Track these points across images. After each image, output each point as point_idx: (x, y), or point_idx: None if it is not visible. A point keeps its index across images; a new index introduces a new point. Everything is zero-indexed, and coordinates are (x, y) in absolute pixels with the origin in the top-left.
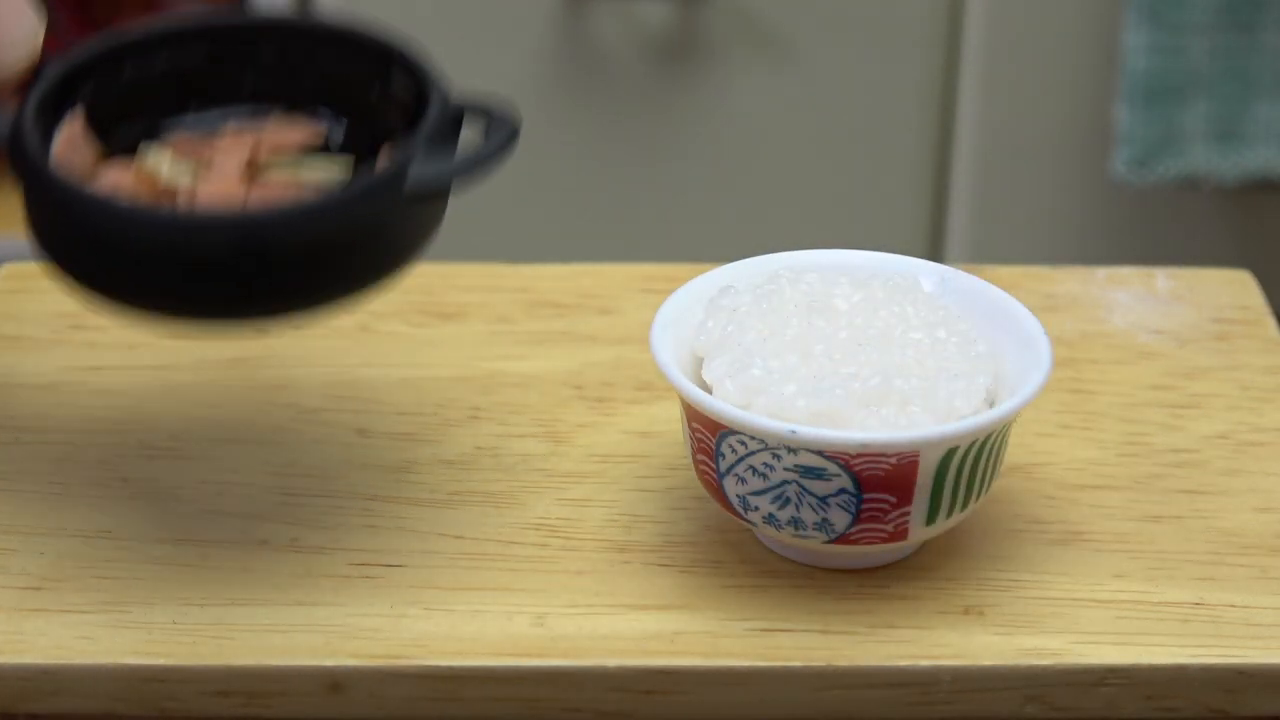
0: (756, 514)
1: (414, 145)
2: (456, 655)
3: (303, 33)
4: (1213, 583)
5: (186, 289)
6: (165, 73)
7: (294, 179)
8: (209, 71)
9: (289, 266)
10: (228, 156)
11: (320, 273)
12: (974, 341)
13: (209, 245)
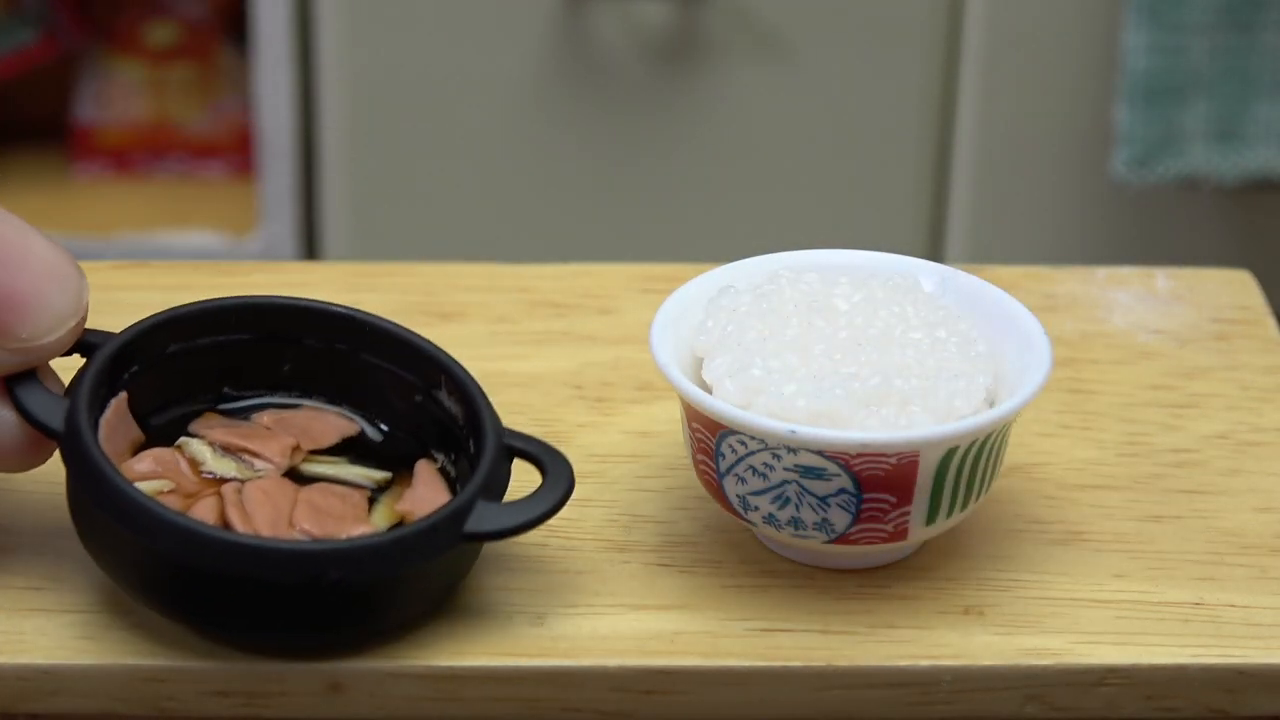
0: (756, 514)
1: (472, 491)
2: (456, 655)
3: (353, 326)
4: (1213, 583)
5: (238, 614)
6: (207, 352)
7: (334, 479)
8: (251, 353)
9: (345, 601)
10: (270, 453)
11: (372, 607)
12: (974, 341)
13: (279, 576)
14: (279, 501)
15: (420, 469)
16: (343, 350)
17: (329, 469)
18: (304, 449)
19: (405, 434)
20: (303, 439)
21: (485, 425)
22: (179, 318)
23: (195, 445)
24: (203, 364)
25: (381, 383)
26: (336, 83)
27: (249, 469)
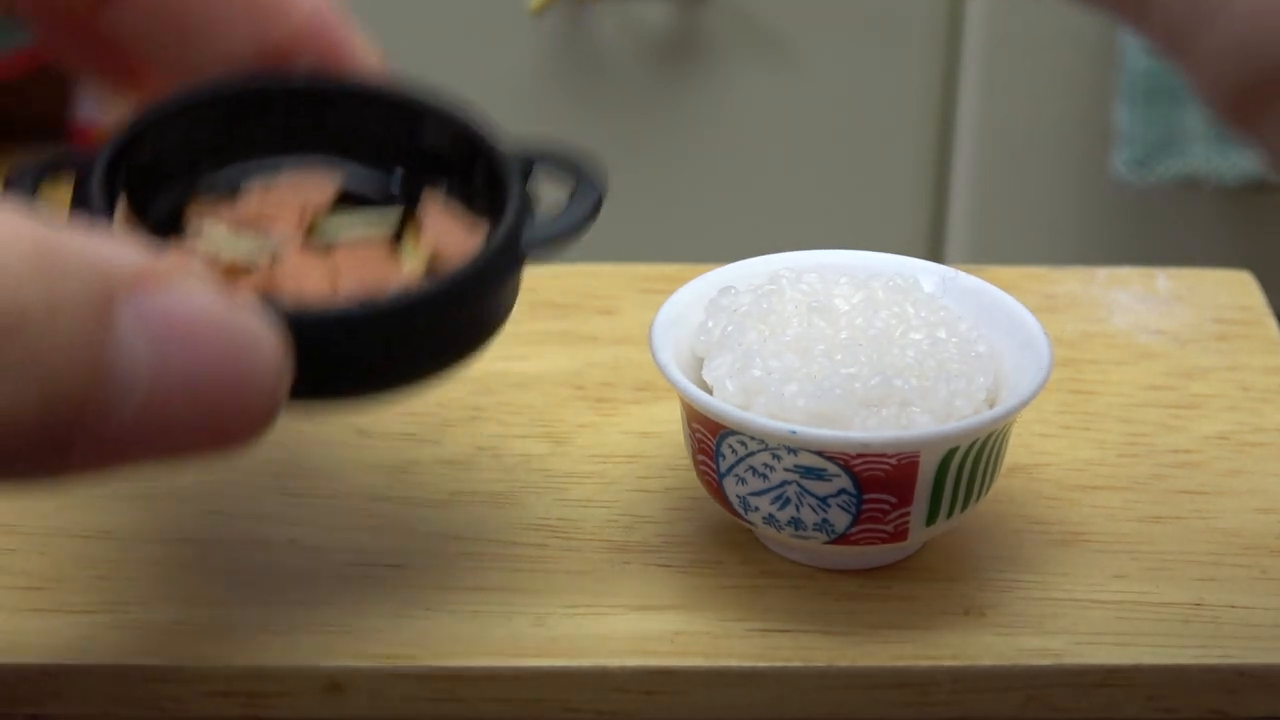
0: (756, 514)
1: (517, 205)
2: (456, 655)
3: (317, 95)
4: (1213, 583)
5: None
6: (182, 140)
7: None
8: (223, 133)
9: (424, 344)
10: (282, 223)
11: (445, 346)
12: (974, 342)
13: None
14: (315, 267)
15: (427, 205)
16: (312, 110)
17: (342, 227)
18: (308, 211)
19: (395, 174)
20: (304, 202)
21: (486, 141)
22: (153, 121)
23: (209, 228)
24: (180, 151)
25: (355, 131)
26: None
27: (268, 245)
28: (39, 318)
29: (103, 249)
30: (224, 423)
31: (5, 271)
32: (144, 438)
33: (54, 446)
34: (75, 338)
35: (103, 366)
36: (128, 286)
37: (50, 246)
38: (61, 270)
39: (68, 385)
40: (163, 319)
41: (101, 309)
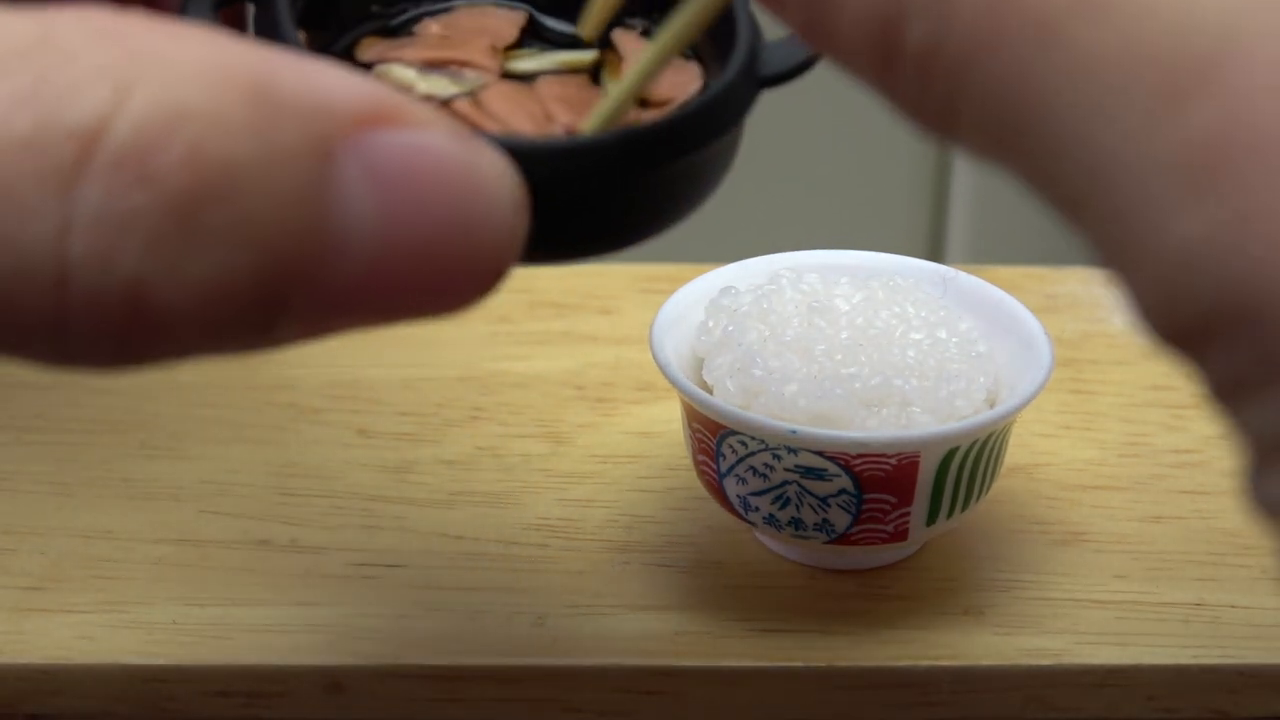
0: (757, 514)
1: (750, 28)
2: (456, 655)
3: None
4: (1214, 583)
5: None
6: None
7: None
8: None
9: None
10: (476, 59)
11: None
12: (974, 341)
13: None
14: (523, 102)
15: (622, 42)
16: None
17: (536, 63)
18: (498, 45)
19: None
20: (491, 37)
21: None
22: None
23: (396, 70)
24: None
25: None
26: None
27: (463, 81)
28: (253, 175)
29: (322, 85)
30: (453, 280)
31: (218, 123)
32: (367, 297)
33: (268, 311)
34: (293, 194)
35: (323, 223)
36: (351, 128)
37: (265, 87)
38: (277, 115)
39: (284, 247)
40: (390, 164)
41: (323, 157)
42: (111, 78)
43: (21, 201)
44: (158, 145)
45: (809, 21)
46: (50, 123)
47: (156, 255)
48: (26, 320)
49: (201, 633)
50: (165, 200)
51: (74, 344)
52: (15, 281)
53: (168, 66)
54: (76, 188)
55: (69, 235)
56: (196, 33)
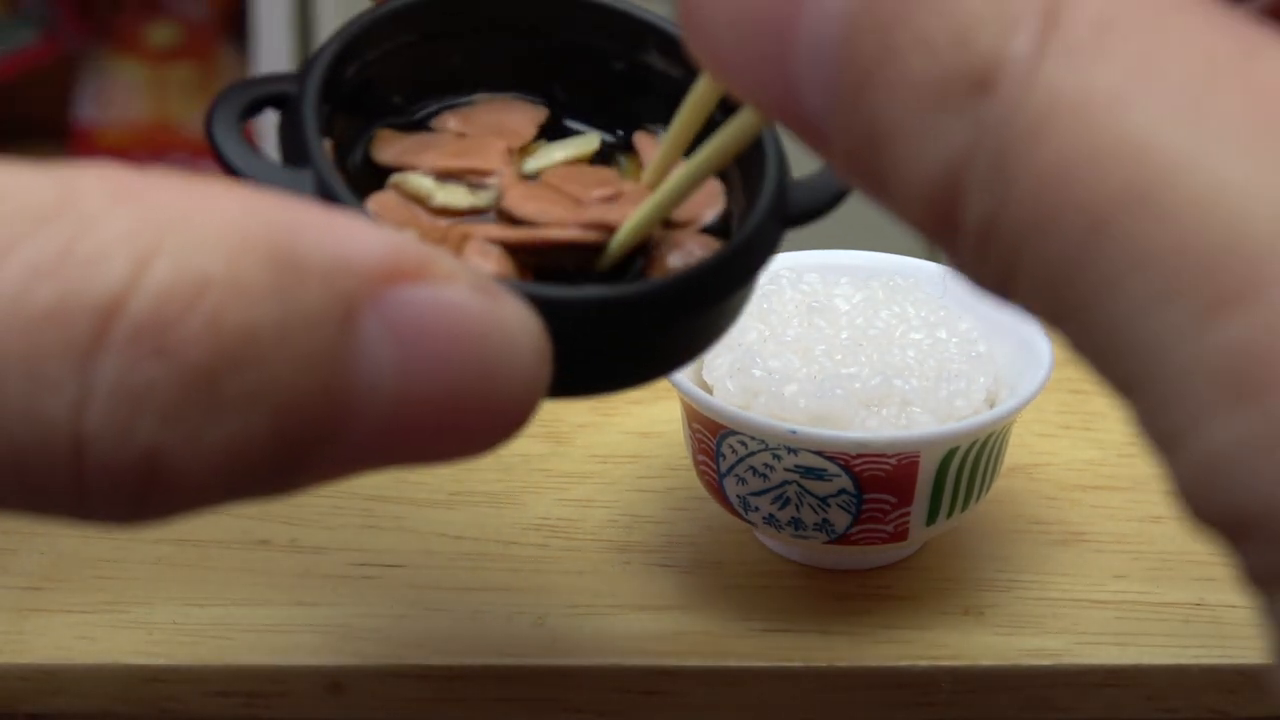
0: (757, 514)
1: (778, 163)
2: (456, 655)
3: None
4: (1213, 583)
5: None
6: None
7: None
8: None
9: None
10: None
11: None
12: (974, 341)
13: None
14: (549, 197)
15: (644, 148)
16: (519, 29)
17: (543, 160)
18: (514, 149)
19: (607, 111)
20: (508, 138)
21: None
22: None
23: (414, 180)
24: (375, 81)
25: (568, 56)
26: None
27: (481, 192)
28: (274, 340)
29: (345, 242)
30: (474, 430)
31: (239, 289)
32: (385, 448)
33: (287, 468)
34: (314, 357)
35: (344, 383)
36: (374, 287)
37: (286, 249)
38: (300, 277)
39: (304, 409)
40: (412, 321)
41: (344, 319)
42: (132, 246)
43: (42, 374)
44: (177, 318)
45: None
46: (71, 296)
47: (173, 425)
48: (47, 485)
49: (201, 633)
50: (183, 373)
51: (93, 505)
52: (36, 450)
53: (188, 231)
54: (94, 361)
55: (86, 408)
56: (217, 191)
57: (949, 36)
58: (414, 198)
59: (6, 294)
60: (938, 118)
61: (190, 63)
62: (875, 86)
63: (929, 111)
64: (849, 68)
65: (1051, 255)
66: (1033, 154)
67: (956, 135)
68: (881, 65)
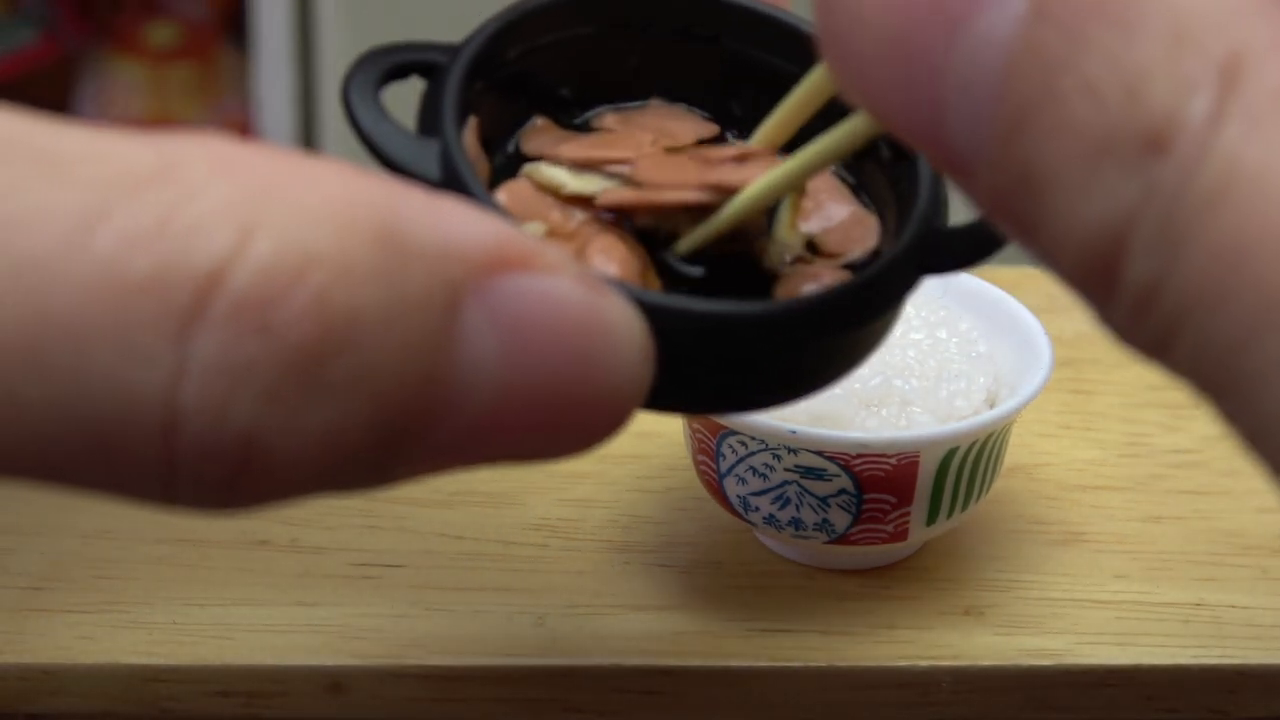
0: (757, 514)
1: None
2: (456, 655)
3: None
4: (1213, 583)
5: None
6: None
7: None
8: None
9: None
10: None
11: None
12: (974, 341)
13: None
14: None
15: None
16: (700, 37)
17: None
18: (660, 145)
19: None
20: (659, 136)
21: None
22: (525, 16)
23: (545, 170)
24: (540, 69)
25: (750, 73)
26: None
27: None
28: (378, 324)
29: (451, 228)
30: (573, 427)
31: (345, 269)
32: (484, 442)
33: (384, 458)
34: (417, 343)
35: (446, 372)
36: (480, 274)
37: (394, 232)
38: (404, 263)
39: (405, 397)
40: (516, 311)
41: (450, 305)
42: (234, 218)
43: (135, 345)
44: (281, 294)
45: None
46: (169, 266)
47: (271, 407)
48: (134, 464)
49: (201, 633)
50: (285, 353)
51: (181, 489)
52: (124, 425)
53: (293, 206)
54: (192, 334)
55: (181, 382)
56: (322, 167)
57: (1120, 88)
58: (546, 188)
59: (100, 261)
60: (1103, 172)
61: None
62: (1034, 128)
63: (1093, 163)
64: (1007, 104)
65: (1218, 331)
66: (1207, 225)
67: (1123, 194)
68: (1043, 107)
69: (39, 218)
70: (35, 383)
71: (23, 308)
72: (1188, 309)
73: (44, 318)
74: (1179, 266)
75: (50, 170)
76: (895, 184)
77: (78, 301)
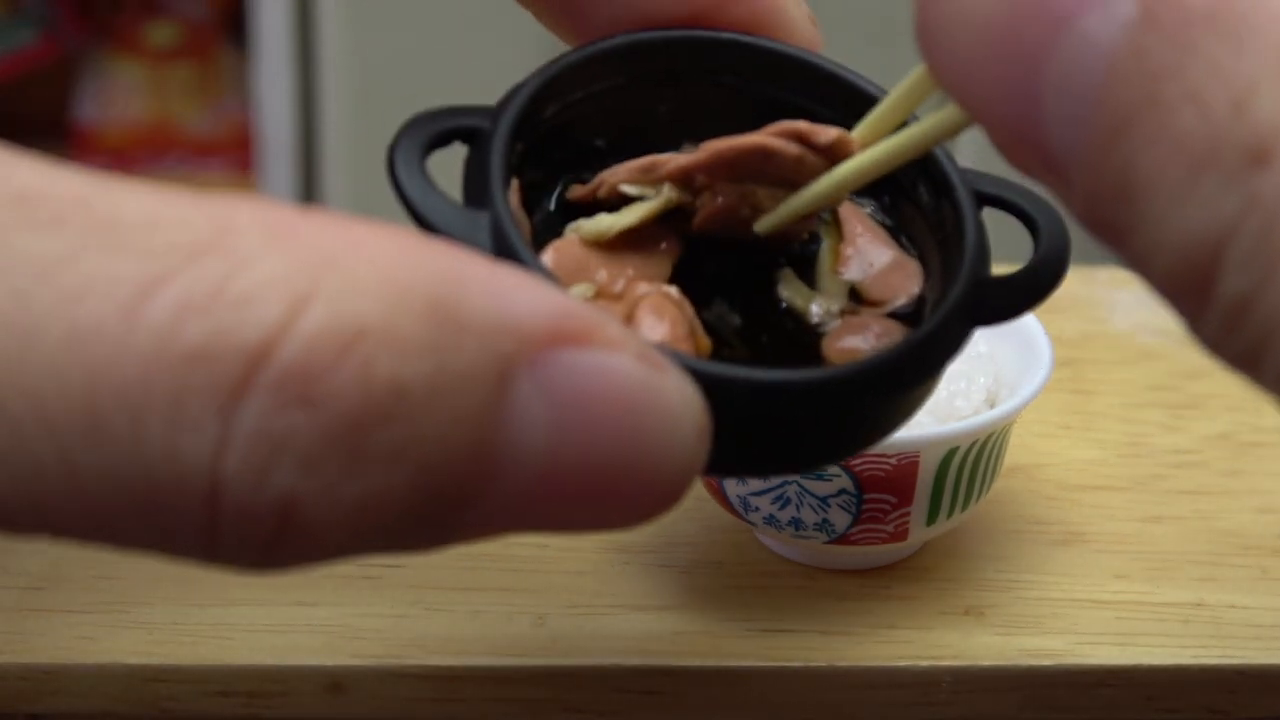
0: (757, 514)
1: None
2: (456, 655)
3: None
4: (1213, 583)
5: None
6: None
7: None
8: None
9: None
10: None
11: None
12: (974, 341)
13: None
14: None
15: (848, 218)
16: (729, 84)
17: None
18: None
19: None
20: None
21: (943, 164)
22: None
23: (587, 225)
24: (576, 124)
25: (780, 115)
26: (336, 83)
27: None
28: (422, 397)
29: (510, 301)
30: (622, 504)
31: (394, 342)
32: (529, 515)
33: (426, 527)
34: (463, 418)
35: (494, 446)
36: (534, 350)
37: (448, 304)
38: (459, 335)
39: (449, 468)
40: (570, 387)
41: (500, 380)
42: (286, 289)
43: (184, 413)
44: (327, 367)
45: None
46: (221, 336)
47: (311, 475)
48: (179, 526)
49: (201, 633)
50: (327, 423)
51: (223, 549)
52: (171, 490)
53: (345, 277)
54: (239, 404)
55: (226, 450)
56: (379, 236)
57: (1226, 99)
58: (593, 241)
59: (155, 329)
60: (1203, 182)
61: (190, 63)
62: (1135, 134)
63: (1194, 173)
64: (1108, 108)
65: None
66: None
67: (1223, 205)
68: (1146, 114)
69: (97, 286)
70: (90, 449)
71: (81, 377)
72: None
73: (100, 387)
74: (1275, 281)
75: (108, 237)
76: (936, 227)
77: (133, 371)
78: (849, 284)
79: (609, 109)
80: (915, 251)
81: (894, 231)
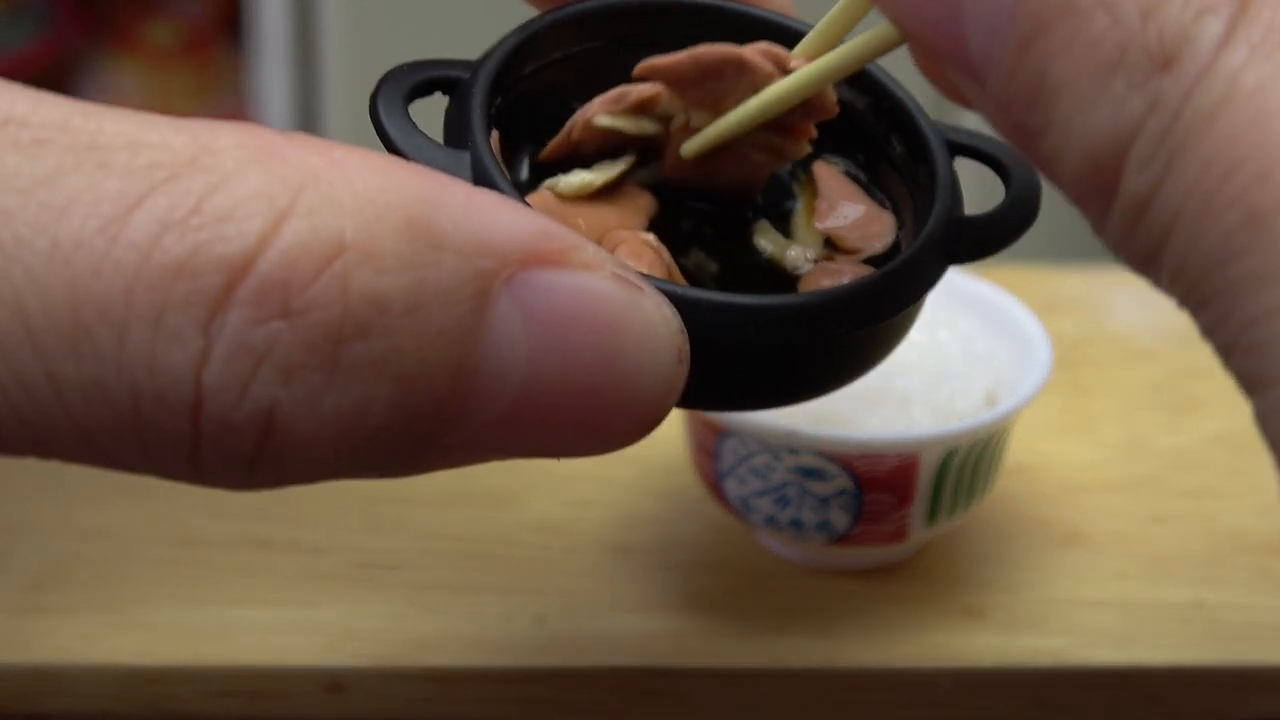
0: (757, 515)
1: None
2: (456, 655)
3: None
4: (1214, 584)
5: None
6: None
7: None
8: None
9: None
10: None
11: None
12: (973, 341)
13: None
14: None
15: (822, 176)
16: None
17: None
18: None
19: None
20: None
21: (914, 115)
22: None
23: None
24: (556, 84)
25: None
26: (336, 83)
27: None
28: (401, 312)
29: (488, 221)
30: (603, 425)
31: (371, 257)
32: (510, 437)
33: (406, 445)
34: (441, 334)
35: (473, 363)
36: (511, 268)
37: (426, 220)
38: (436, 251)
39: (429, 385)
40: (549, 307)
41: (480, 297)
42: (266, 205)
43: (166, 325)
44: (306, 279)
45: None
46: (202, 251)
47: (292, 386)
48: (163, 440)
49: (201, 633)
50: (307, 334)
51: (206, 465)
52: (155, 403)
53: (325, 194)
54: (220, 316)
55: (207, 361)
56: (358, 157)
57: (1136, 6)
58: (570, 196)
59: (136, 245)
60: (1112, 85)
61: (190, 63)
62: (1050, 40)
63: (1104, 77)
64: (1025, 16)
65: (1202, 241)
66: (1202, 138)
67: (1129, 107)
68: (1060, 20)
69: (79, 204)
70: (73, 361)
71: (64, 291)
72: (1176, 217)
73: (83, 300)
74: (1172, 176)
75: (90, 157)
76: (909, 181)
77: (115, 285)
78: (824, 234)
79: (586, 71)
80: (890, 205)
81: (868, 187)
